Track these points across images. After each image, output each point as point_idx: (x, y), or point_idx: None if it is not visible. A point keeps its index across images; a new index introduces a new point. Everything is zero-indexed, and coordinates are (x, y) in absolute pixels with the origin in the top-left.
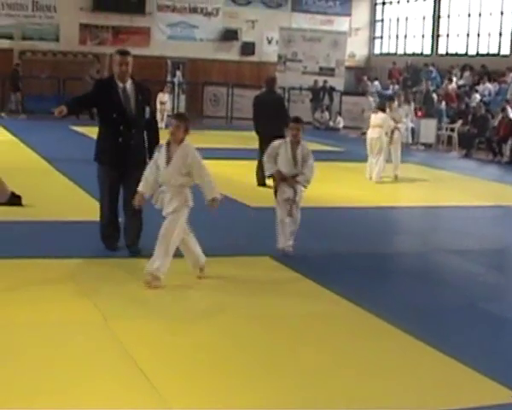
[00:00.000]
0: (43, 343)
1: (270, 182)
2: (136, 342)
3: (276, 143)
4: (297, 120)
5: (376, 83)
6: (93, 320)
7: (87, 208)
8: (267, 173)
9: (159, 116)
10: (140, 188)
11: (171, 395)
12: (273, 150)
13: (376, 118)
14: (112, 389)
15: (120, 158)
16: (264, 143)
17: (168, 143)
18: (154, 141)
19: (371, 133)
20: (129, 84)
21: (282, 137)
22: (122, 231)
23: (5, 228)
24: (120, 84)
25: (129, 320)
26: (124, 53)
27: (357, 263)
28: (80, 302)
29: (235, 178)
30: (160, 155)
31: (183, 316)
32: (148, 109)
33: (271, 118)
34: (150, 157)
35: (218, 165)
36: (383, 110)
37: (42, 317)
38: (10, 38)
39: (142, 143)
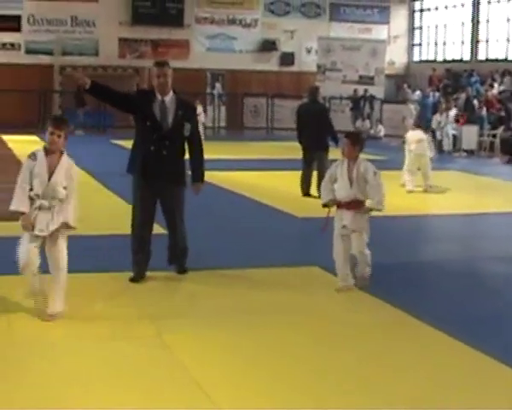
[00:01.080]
0: (98, 357)
1: (314, 192)
2: (191, 353)
3: (333, 165)
4: (347, 135)
5: (418, 93)
6: (147, 334)
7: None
8: (322, 202)
9: None
10: (14, 207)
11: (227, 407)
12: (331, 174)
13: (415, 134)
14: (167, 400)
15: (151, 167)
16: (308, 153)
17: (46, 152)
18: (197, 158)
19: (416, 149)
20: (169, 98)
21: (326, 147)
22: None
23: None
24: (159, 97)
25: (183, 332)
26: (161, 64)
27: (404, 272)
28: (133, 316)
29: (279, 188)
30: (38, 165)
31: (236, 327)
32: (188, 126)
33: (315, 128)
34: (194, 177)
35: (262, 176)
36: (420, 127)
37: (96, 331)
38: (50, 53)
39: (180, 158)
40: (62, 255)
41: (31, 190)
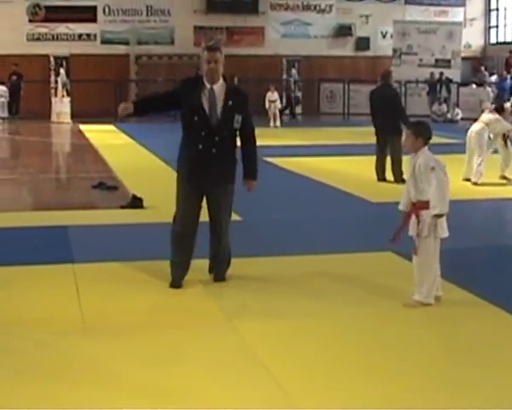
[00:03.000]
0: (171, 346)
1: (390, 177)
2: (261, 340)
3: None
4: (410, 125)
5: (494, 77)
6: (217, 320)
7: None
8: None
9: (271, 115)
10: None
11: (297, 394)
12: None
13: (485, 116)
14: (238, 388)
15: (199, 169)
16: (381, 137)
17: None
18: (250, 153)
19: (473, 127)
20: (218, 86)
21: (398, 131)
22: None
23: (127, 231)
24: (208, 86)
25: (253, 319)
26: (213, 49)
27: (482, 256)
28: (204, 303)
29: (354, 173)
30: None
31: (305, 314)
32: (238, 118)
33: (387, 112)
34: (246, 173)
35: (338, 161)
36: (499, 112)
37: (167, 319)
38: (126, 43)
39: (230, 155)
40: None
41: None
